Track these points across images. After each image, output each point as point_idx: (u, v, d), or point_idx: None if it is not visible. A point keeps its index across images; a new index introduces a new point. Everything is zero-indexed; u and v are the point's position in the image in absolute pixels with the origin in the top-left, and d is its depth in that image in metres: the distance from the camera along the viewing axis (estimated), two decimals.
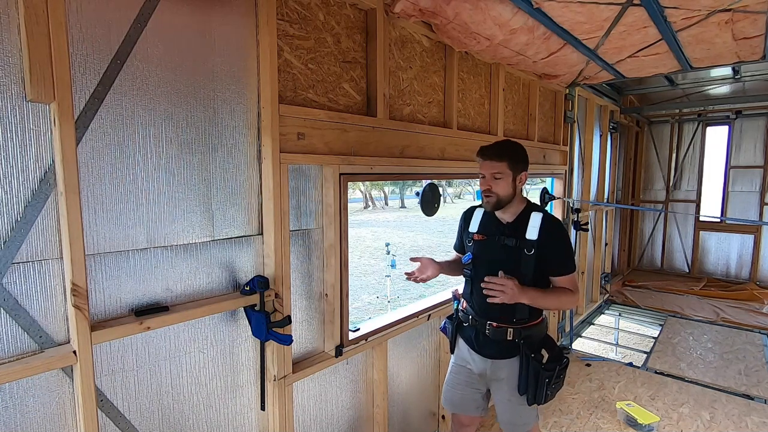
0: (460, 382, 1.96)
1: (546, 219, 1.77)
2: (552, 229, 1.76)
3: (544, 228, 1.74)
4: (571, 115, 3.92)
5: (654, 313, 5.24)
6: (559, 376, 1.76)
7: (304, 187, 1.83)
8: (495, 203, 1.76)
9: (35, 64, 1.05)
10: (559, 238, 1.76)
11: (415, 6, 2.00)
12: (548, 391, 1.74)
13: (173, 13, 1.34)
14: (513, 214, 1.81)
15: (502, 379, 1.83)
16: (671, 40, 2.51)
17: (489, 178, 1.75)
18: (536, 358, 1.72)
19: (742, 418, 2.96)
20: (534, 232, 1.73)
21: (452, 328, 1.98)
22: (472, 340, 1.88)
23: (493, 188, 1.74)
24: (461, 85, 2.65)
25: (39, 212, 1.12)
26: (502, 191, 1.74)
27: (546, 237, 1.73)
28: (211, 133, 1.48)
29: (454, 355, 2.01)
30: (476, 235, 1.88)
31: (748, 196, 6.20)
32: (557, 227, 1.78)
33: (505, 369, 1.81)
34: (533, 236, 1.73)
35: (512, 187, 1.76)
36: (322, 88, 1.83)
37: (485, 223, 1.89)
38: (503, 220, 1.83)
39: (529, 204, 1.84)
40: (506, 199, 1.76)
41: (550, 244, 1.73)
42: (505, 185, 1.74)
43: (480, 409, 1.97)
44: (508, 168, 1.73)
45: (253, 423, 1.71)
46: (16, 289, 1.11)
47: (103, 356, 1.28)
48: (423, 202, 2.70)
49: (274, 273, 1.64)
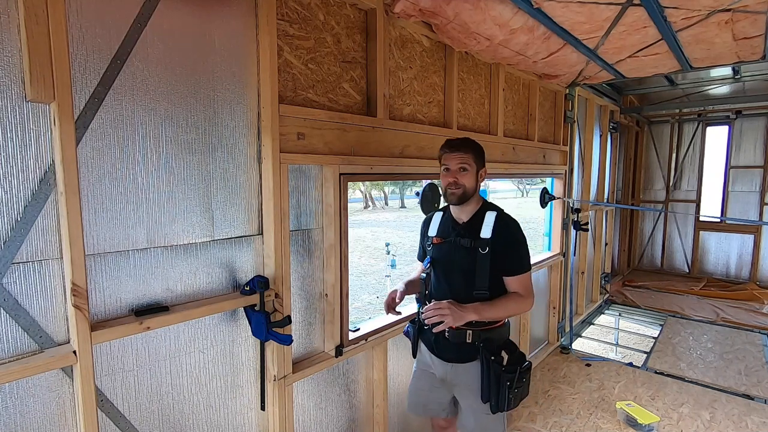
0: (424, 388, 1.92)
1: (500, 217, 1.75)
2: (505, 226, 1.74)
3: (498, 226, 1.72)
4: (571, 115, 3.92)
5: (654, 313, 5.24)
6: (521, 379, 1.70)
7: (304, 187, 1.83)
8: (461, 195, 1.74)
9: (35, 64, 1.05)
10: (511, 236, 1.74)
11: (415, 6, 2.00)
12: (510, 395, 1.67)
13: (173, 13, 1.34)
14: (469, 213, 1.80)
15: (464, 384, 1.78)
16: (671, 40, 2.51)
17: (455, 171, 1.73)
18: (496, 360, 1.68)
19: (742, 418, 2.96)
20: (488, 231, 1.72)
21: (414, 332, 1.93)
22: (432, 344, 1.84)
23: (459, 180, 1.73)
24: (461, 85, 2.65)
25: (39, 212, 1.12)
26: (468, 183, 1.73)
27: (498, 235, 1.71)
28: (211, 133, 1.48)
29: (417, 360, 1.97)
30: (435, 239, 1.86)
31: (748, 196, 6.21)
32: (511, 225, 1.76)
33: (466, 374, 1.77)
34: (487, 234, 1.71)
35: (475, 181, 1.76)
36: (322, 88, 1.83)
37: (442, 226, 1.88)
38: (459, 221, 1.82)
39: (484, 203, 1.83)
40: (470, 193, 1.75)
41: (501, 241, 1.71)
42: (471, 177, 1.74)
43: (447, 412, 1.92)
44: (473, 161, 1.74)
45: (253, 423, 1.71)
46: (16, 289, 1.11)
47: (103, 356, 1.28)
48: (423, 202, 2.70)
49: (274, 273, 1.64)
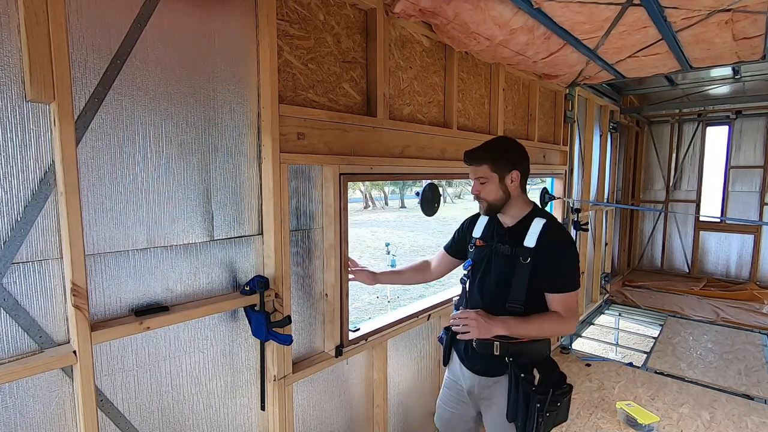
0: (452, 399, 1.84)
1: (548, 226, 1.59)
2: (553, 237, 1.57)
3: (544, 235, 1.56)
4: (571, 115, 3.92)
5: (654, 313, 5.24)
6: (556, 402, 1.54)
7: (304, 188, 1.83)
8: (487, 207, 1.66)
9: (35, 64, 1.05)
10: (558, 248, 1.56)
11: (415, 6, 2.00)
12: (540, 418, 1.51)
13: (173, 13, 1.34)
14: (514, 218, 1.67)
15: (491, 399, 1.67)
16: (671, 40, 2.51)
17: (476, 184, 1.65)
18: (526, 379, 1.53)
19: (742, 418, 2.96)
20: (532, 240, 1.56)
21: (447, 339, 1.83)
22: (462, 353, 1.75)
23: (481, 193, 1.64)
24: (461, 85, 2.65)
25: (39, 212, 1.12)
26: (490, 196, 1.63)
27: (543, 245, 1.55)
28: (211, 133, 1.48)
29: (448, 369, 1.88)
30: (478, 241, 1.76)
31: (748, 196, 6.20)
32: (560, 236, 1.59)
33: (493, 389, 1.65)
34: (531, 244, 1.56)
35: (502, 190, 1.62)
36: (322, 88, 1.83)
37: (488, 228, 1.77)
38: (504, 225, 1.70)
39: (534, 209, 1.68)
40: (498, 203, 1.64)
41: (546, 253, 1.55)
42: (492, 189, 1.62)
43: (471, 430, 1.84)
44: (490, 170, 1.61)
45: (253, 423, 1.71)
46: (16, 289, 1.11)
47: (103, 356, 1.28)
48: (423, 202, 2.70)
49: (274, 273, 1.64)
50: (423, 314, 2.48)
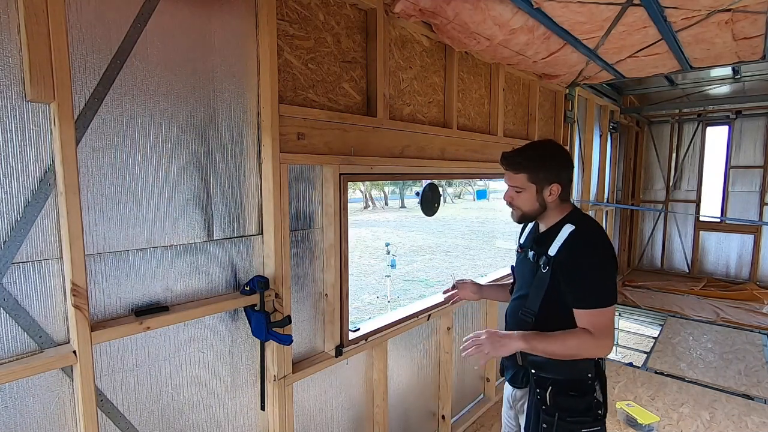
0: (506, 411, 1.76)
1: (575, 232, 1.40)
2: (577, 245, 1.38)
3: (568, 243, 1.38)
4: (571, 115, 3.93)
5: (654, 313, 5.24)
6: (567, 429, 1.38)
7: (304, 187, 1.82)
8: (519, 216, 1.54)
9: (35, 64, 1.05)
10: (580, 257, 1.37)
11: (415, 6, 2.00)
12: None
13: (173, 13, 1.34)
14: (548, 224, 1.52)
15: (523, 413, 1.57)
16: (671, 40, 2.51)
17: (510, 190, 1.50)
18: (539, 395, 1.42)
19: (742, 418, 2.96)
20: (555, 248, 1.41)
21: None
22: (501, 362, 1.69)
23: (514, 201, 1.50)
24: (461, 85, 2.65)
25: (39, 212, 1.12)
26: (525, 206, 1.48)
27: (566, 254, 1.38)
28: (211, 132, 1.48)
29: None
30: (519, 248, 1.68)
31: (748, 196, 6.20)
32: (585, 244, 1.39)
33: (523, 401, 1.57)
34: (553, 252, 1.41)
35: (538, 202, 1.47)
36: (322, 88, 1.83)
37: (530, 234, 1.64)
38: (540, 230, 1.58)
39: (569, 214, 1.50)
40: (532, 214, 1.51)
41: (566, 262, 1.38)
42: (528, 200, 1.47)
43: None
44: (528, 181, 1.45)
45: (253, 423, 1.71)
46: (16, 289, 1.11)
47: (103, 356, 1.28)
48: (423, 202, 2.71)
49: (274, 273, 1.64)
50: (423, 314, 2.48)
